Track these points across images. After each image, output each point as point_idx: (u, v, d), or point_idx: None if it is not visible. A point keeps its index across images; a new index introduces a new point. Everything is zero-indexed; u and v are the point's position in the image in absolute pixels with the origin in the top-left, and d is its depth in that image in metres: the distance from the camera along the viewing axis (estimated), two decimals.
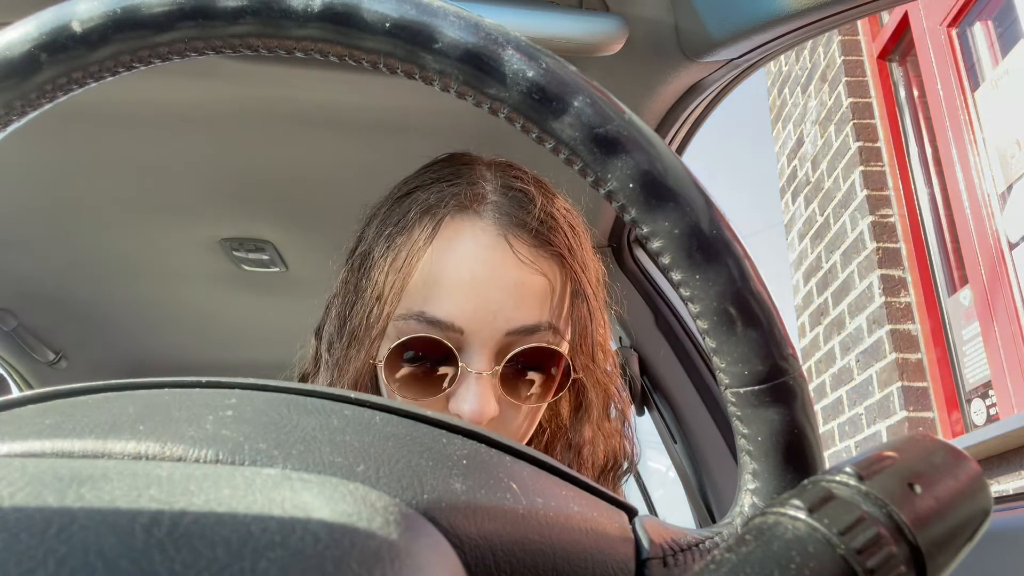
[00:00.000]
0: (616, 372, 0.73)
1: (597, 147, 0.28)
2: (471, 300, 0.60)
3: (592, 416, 0.71)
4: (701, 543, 0.29)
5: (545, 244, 0.64)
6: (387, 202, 0.69)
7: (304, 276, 1.50)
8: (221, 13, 0.29)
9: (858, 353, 2.79)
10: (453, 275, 0.61)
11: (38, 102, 0.30)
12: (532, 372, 0.64)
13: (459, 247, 0.62)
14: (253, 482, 0.20)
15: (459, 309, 0.60)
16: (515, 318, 0.61)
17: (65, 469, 0.20)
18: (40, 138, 1.07)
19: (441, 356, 0.61)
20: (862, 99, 2.99)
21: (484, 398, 0.60)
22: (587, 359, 0.68)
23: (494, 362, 0.62)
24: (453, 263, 0.62)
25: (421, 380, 0.62)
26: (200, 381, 0.29)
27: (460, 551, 0.23)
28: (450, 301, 0.60)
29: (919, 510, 0.21)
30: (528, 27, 0.77)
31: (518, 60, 0.29)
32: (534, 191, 0.66)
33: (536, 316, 0.62)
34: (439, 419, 0.29)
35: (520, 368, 0.63)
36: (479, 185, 0.65)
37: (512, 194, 0.65)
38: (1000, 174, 2.25)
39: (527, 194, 0.65)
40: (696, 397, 1.18)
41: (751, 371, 0.28)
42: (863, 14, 0.69)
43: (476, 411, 0.60)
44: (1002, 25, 2.32)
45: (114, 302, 1.62)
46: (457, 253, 0.62)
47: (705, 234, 0.28)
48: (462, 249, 0.62)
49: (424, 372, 0.62)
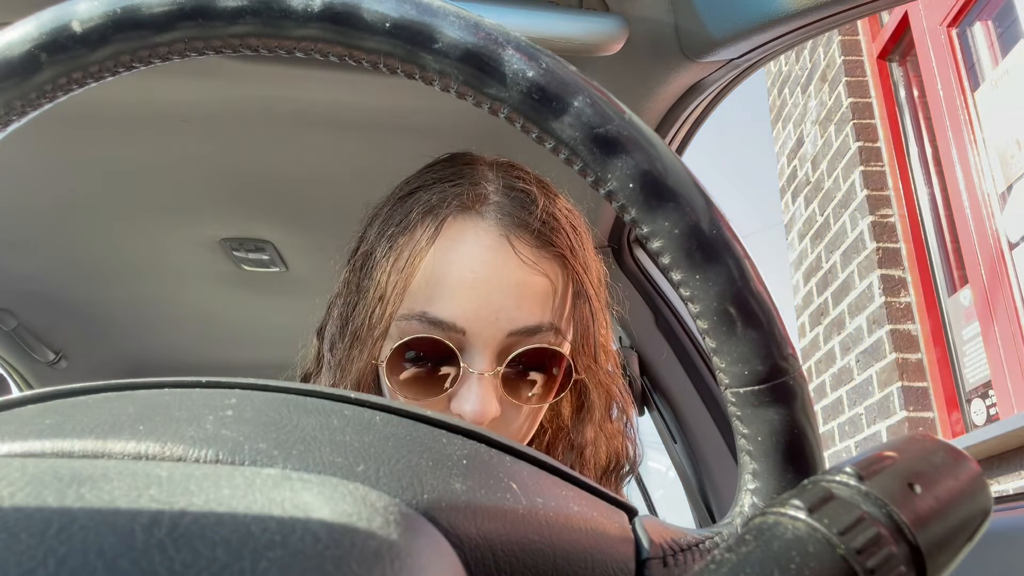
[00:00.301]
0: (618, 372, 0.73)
1: (597, 147, 0.28)
2: (473, 301, 0.60)
3: (594, 417, 0.71)
4: (701, 543, 0.29)
5: (547, 245, 0.64)
6: (389, 202, 0.69)
7: (304, 276, 1.50)
8: (221, 13, 0.29)
9: (858, 353, 2.79)
10: (455, 276, 0.61)
11: (38, 102, 0.30)
12: (534, 373, 0.64)
13: (461, 247, 0.62)
14: (253, 482, 0.20)
15: (461, 310, 0.60)
16: (517, 319, 0.61)
17: (65, 469, 0.20)
18: (40, 138, 1.07)
19: (443, 356, 0.61)
20: (862, 99, 2.99)
21: (486, 399, 0.60)
22: (589, 360, 0.68)
23: (496, 363, 0.62)
24: (455, 264, 0.62)
25: (423, 380, 0.62)
26: (200, 381, 0.29)
27: (460, 551, 0.23)
28: (452, 302, 0.60)
29: (919, 510, 0.21)
30: (528, 27, 0.77)
31: (518, 60, 0.29)
32: (536, 191, 0.66)
33: (538, 317, 0.62)
34: (439, 419, 0.29)
35: (522, 369, 0.63)
36: (481, 186, 0.65)
37: (514, 195, 0.65)
38: (1000, 174, 2.25)
39: (529, 194, 0.65)
40: (696, 397, 1.18)
41: (751, 371, 0.28)
42: (863, 14, 0.69)
43: (478, 412, 0.60)
44: (1002, 25, 2.32)
45: (114, 302, 1.62)
46: (459, 253, 0.62)
47: (705, 234, 0.28)
48: (464, 250, 0.62)
49: (426, 372, 0.62)
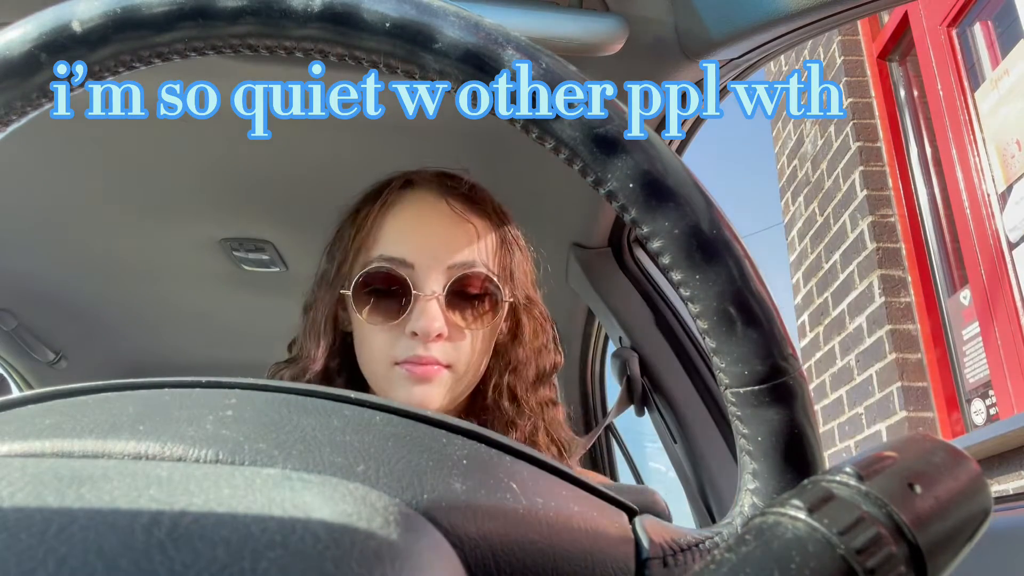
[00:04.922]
0: (539, 301, 0.89)
1: (597, 147, 0.28)
2: (418, 241, 0.78)
3: (524, 339, 0.86)
4: (701, 543, 0.29)
5: (474, 204, 0.82)
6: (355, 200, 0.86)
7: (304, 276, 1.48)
8: (221, 13, 0.29)
9: (858, 353, 2.79)
10: (403, 225, 0.79)
11: (38, 102, 0.30)
12: (472, 299, 0.79)
13: (408, 206, 0.81)
14: (253, 482, 0.20)
15: (408, 247, 0.77)
16: (455, 254, 0.78)
17: (65, 469, 0.20)
18: (40, 138, 1.07)
19: (397, 286, 0.76)
20: (862, 99, 2.99)
21: (434, 315, 0.75)
22: (516, 290, 0.84)
23: (439, 289, 0.77)
24: (402, 216, 0.80)
25: (383, 308, 0.77)
26: (200, 381, 0.29)
27: (460, 551, 0.23)
28: (402, 243, 0.78)
29: (919, 510, 0.21)
30: (528, 27, 0.77)
31: (518, 60, 0.29)
32: (460, 174, 0.84)
33: (472, 255, 0.79)
34: (439, 419, 0.29)
35: (461, 294, 0.78)
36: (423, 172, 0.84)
37: (445, 174, 0.84)
38: (1000, 174, 2.25)
39: (458, 176, 0.84)
40: (696, 397, 1.18)
41: (751, 371, 0.28)
42: (863, 14, 0.69)
43: (427, 326, 0.74)
44: (1002, 25, 2.32)
45: (114, 302, 1.62)
46: (405, 210, 0.80)
47: (705, 234, 0.28)
48: (410, 208, 0.81)
49: (385, 301, 0.77)
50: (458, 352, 0.78)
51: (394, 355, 0.76)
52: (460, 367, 0.78)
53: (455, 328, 0.77)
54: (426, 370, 0.75)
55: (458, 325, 0.78)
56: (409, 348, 0.75)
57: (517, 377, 0.85)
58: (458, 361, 0.77)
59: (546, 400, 0.87)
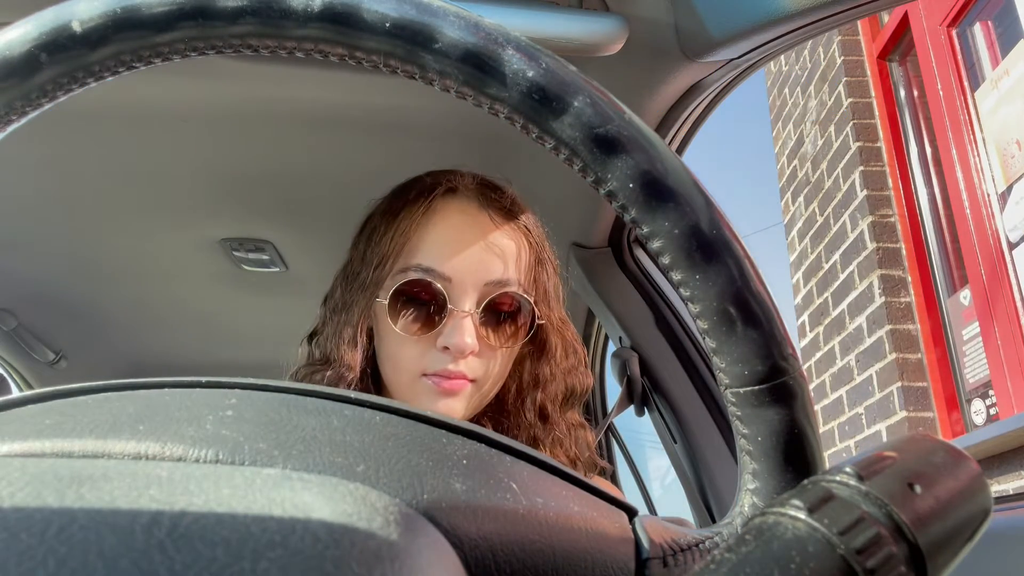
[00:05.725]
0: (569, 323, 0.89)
1: (597, 147, 0.28)
2: (457, 254, 0.76)
3: (553, 356, 0.85)
4: (701, 543, 0.29)
5: (514, 219, 0.82)
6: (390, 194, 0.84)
7: (304, 276, 1.49)
8: (221, 13, 0.29)
9: (858, 353, 2.79)
10: (443, 236, 0.77)
11: (38, 102, 0.30)
12: (505, 317, 0.79)
13: (449, 216, 0.79)
14: (253, 482, 0.20)
15: (448, 261, 0.76)
16: (492, 271, 0.77)
17: (65, 469, 0.20)
18: (40, 138, 1.07)
19: (433, 299, 0.75)
20: (862, 99, 2.99)
21: (468, 333, 0.74)
22: (548, 310, 0.84)
23: (475, 306, 0.76)
24: (443, 227, 0.78)
25: (417, 319, 0.76)
26: (200, 381, 0.29)
27: (460, 551, 0.23)
28: (441, 255, 0.76)
29: (919, 510, 0.21)
30: (528, 27, 0.77)
31: (518, 60, 0.29)
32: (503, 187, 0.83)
33: (508, 273, 0.78)
34: (439, 419, 0.29)
35: (495, 313, 0.78)
36: (466, 178, 0.83)
37: (488, 186, 0.83)
38: (1000, 174, 2.25)
39: (500, 186, 0.83)
40: (696, 397, 1.18)
41: (751, 371, 0.28)
42: (863, 14, 0.69)
43: (460, 343, 0.73)
44: (1002, 25, 2.32)
45: (114, 302, 1.62)
46: (447, 219, 0.78)
47: (705, 234, 0.28)
48: (452, 218, 0.79)
49: (420, 313, 0.76)
50: (485, 368, 0.77)
51: (423, 367, 0.75)
52: (485, 382, 0.78)
53: (485, 345, 0.77)
54: (453, 384, 0.74)
55: (489, 343, 0.77)
56: (439, 361, 0.74)
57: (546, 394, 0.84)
58: (484, 376, 0.77)
59: (575, 422, 0.86)
